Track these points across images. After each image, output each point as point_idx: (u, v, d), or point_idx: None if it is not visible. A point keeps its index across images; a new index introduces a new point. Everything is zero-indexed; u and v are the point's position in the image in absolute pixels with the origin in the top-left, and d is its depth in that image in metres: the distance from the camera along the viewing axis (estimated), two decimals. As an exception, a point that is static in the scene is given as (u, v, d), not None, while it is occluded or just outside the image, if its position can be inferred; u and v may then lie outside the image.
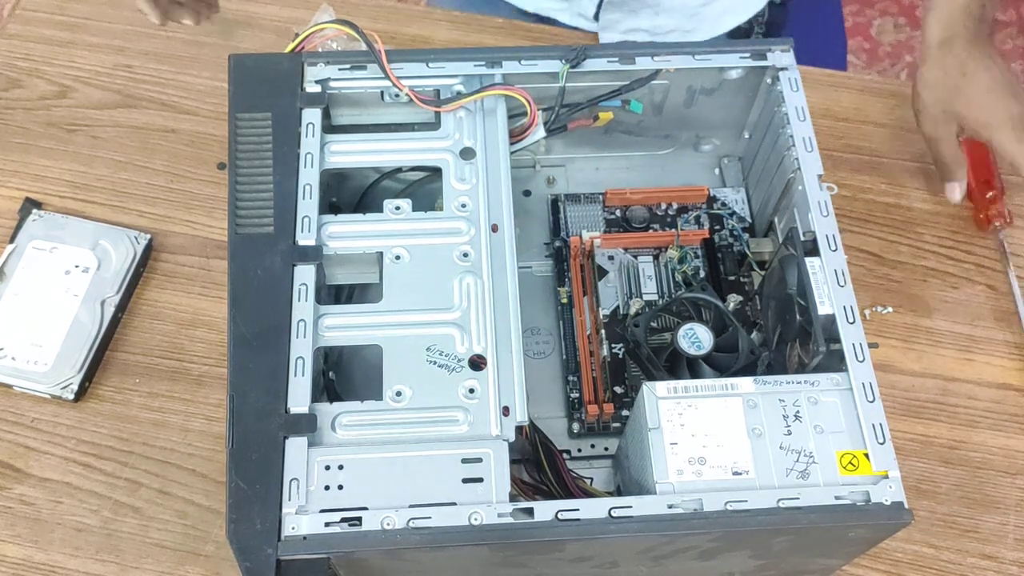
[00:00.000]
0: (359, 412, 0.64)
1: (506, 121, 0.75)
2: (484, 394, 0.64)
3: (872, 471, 0.62)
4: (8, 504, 0.79)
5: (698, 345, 0.76)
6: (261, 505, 0.60)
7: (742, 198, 0.88)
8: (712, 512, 0.60)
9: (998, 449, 0.84)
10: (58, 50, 1.01)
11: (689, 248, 0.85)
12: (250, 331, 0.66)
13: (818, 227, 0.71)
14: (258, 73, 0.73)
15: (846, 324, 0.67)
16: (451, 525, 0.59)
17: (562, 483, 0.72)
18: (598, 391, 0.78)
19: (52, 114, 0.97)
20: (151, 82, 0.99)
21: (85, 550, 0.78)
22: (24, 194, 0.92)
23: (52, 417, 0.83)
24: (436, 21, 1.05)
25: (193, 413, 0.83)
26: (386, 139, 0.75)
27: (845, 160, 0.98)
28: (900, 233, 0.94)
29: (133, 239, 0.88)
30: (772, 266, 0.77)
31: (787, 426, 0.63)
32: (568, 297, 0.83)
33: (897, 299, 0.90)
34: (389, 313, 0.68)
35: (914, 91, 0.90)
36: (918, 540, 0.81)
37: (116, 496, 0.80)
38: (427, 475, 0.61)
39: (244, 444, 0.62)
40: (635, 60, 0.78)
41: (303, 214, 0.70)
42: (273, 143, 0.73)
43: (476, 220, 0.71)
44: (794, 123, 0.75)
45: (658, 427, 0.63)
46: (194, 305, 0.88)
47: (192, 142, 0.96)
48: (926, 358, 0.88)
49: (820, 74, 1.02)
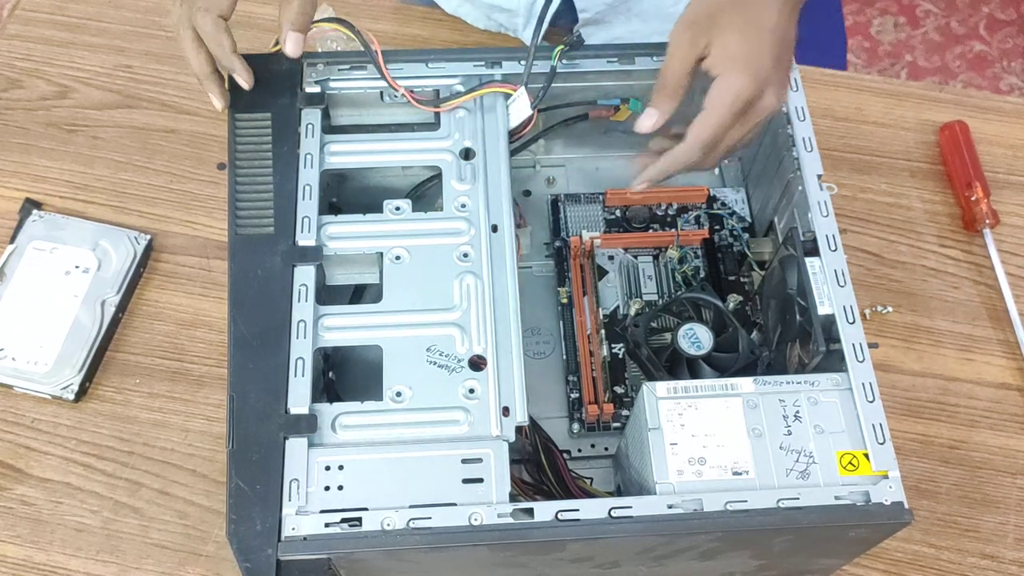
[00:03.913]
0: (359, 412, 0.64)
1: (507, 121, 0.75)
2: (484, 394, 0.64)
3: (872, 471, 0.62)
4: (8, 504, 0.79)
5: (698, 345, 0.76)
6: (261, 505, 0.60)
7: (742, 198, 0.88)
8: (712, 512, 0.60)
9: (998, 449, 0.84)
10: (58, 50, 1.01)
11: (689, 248, 0.85)
12: (250, 331, 0.66)
13: (818, 227, 0.71)
14: (258, 73, 0.73)
15: (846, 324, 0.67)
16: (451, 525, 0.60)
17: (562, 483, 0.72)
18: (598, 391, 0.78)
19: (52, 114, 0.97)
20: (151, 82, 0.99)
21: (85, 550, 0.78)
22: (24, 194, 0.92)
23: (52, 417, 0.83)
24: (436, 21, 1.05)
25: (193, 413, 0.83)
26: (386, 139, 0.75)
27: (845, 160, 0.98)
28: (900, 233, 0.94)
29: (133, 239, 0.88)
30: (772, 266, 0.77)
31: (787, 426, 0.63)
32: (568, 297, 0.83)
33: (897, 299, 0.90)
34: (389, 313, 0.68)
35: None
36: (918, 540, 0.81)
37: (116, 496, 0.80)
38: (427, 475, 0.62)
39: (244, 444, 0.62)
40: (635, 60, 0.78)
41: (303, 214, 0.70)
42: (273, 143, 0.73)
43: (476, 220, 0.71)
44: (794, 123, 0.75)
45: (658, 427, 0.63)
46: (194, 305, 0.88)
47: (192, 142, 0.96)
48: (926, 358, 0.88)
49: (820, 74, 1.02)
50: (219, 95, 0.72)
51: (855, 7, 2.06)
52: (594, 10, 0.99)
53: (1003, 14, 2.08)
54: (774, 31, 0.70)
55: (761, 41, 0.69)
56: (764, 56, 0.69)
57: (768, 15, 0.70)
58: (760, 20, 0.69)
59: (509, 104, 0.75)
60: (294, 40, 0.71)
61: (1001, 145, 0.99)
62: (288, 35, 0.70)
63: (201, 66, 0.71)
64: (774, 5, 0.70)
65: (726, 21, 0.69)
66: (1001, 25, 2.07)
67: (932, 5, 2.09)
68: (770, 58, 0.70)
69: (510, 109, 0.75)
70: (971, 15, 2.08)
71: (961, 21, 2.07)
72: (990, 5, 2.09)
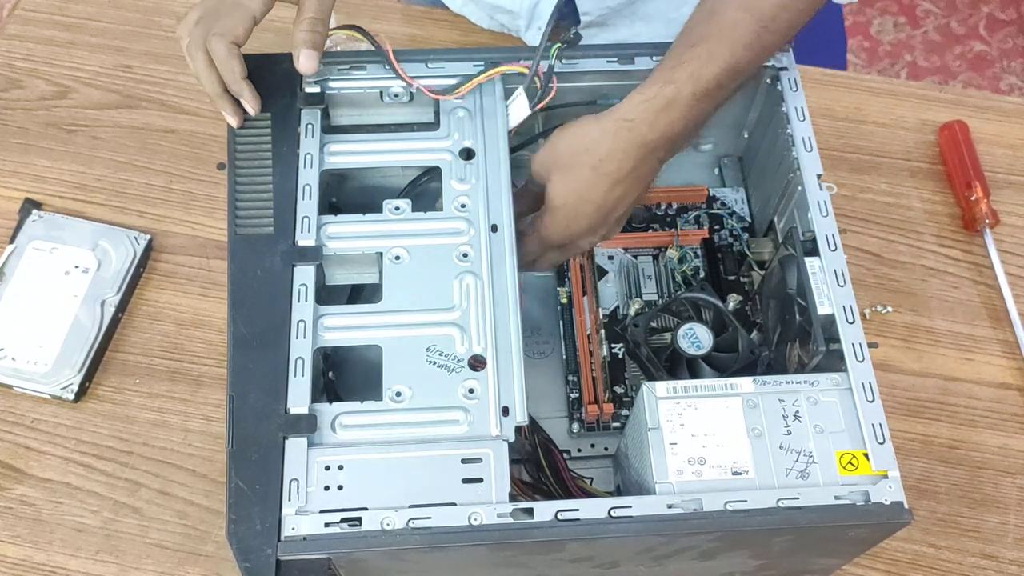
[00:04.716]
0: (359, 412, 0.64)
1: (507, 121, 0.75)
2: (484, 394, 0.64)
3: (872, 471, 0.62)
4: (8, 504, 0.79)
5: (698, 345, 0.76)
6: (261, 505, 0.60)
7: (742, 198, 0.88)
8: (712, 512, 0.60)
9: (998, 449, 0.84)
10: (58, 50, 1.01)
11: (689, 248, 0.85)
12: (250, 331, 0.66)
13: (818, 227, 0.70)
14: (257, 73, 0.73)
15: (846, 324, 0.67)
16: (451, 525, 0.59)
17: (562, 483, 0.72)
18: (598, 391, 0.78)
19: (52, 114, 0.97)
20: (151, 82, 0.99)
21: (85, 550, 0.78)
22: (24, 194, 0.92)
23: (52, 417, 0.83)
24: (436, 21, 1.05)
25: (193, 413, 0.83)
26: (385, 139, 0.75)
27: (845, 160, 0.98)
28: (900, 233, 0.94)
29: (133, 239, 0.88)
30: (772, 266, 0.77)
31: (787, 426, 0.63)
32: (568, 297, 0.83)
33: (897, 299, 0.90)
34: (389, 313, 0.67)
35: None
36: (918, 540, 0.81)
37: (116, 496, 0.80)
38: (427, 475, 0.61)
39: (244, 444, 0.62)
40: (634, 60, 0.78)
41: (303, 214, 0.70)
42: (272, 143, 0.73)
43: (476, 220, 0.71)
44: (794, 123, 0.75)
45: (658, 427, 0.63)
46: (194, 305, 0.88)
47: (192, 142, 0.96)
48: (926, 358, 0.88)
49: (820, 74, 1.02)
50: (233, 112, 0.73)
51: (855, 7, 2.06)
52: (597, 13, 0.99)
53: (1003, 14, 2.08)
54: (599, 205, 0.73)
55: (583, 212, 0.74)
56: (579, 223, 0.74)
57: (592, 189, 0.73)
58: (584, 192, 0.73)
59: (509, 104, 0.75)
60: (308, 58, 0.72)
61: (1001, 145, 0.99)
62: (302, 53, 0.71)
63: (214, 87, 0.72)
64: (601, 182, 0.72)
65: (558, 182, 0.73)
66: (1001, 25, 2.07)
67: (932, 5, 2.09)
68: (586, 225, 0.74)
69: (510, 109, 0.75)
70: (971, 15, 2.08)
71: (961, 21, 2.07)
72: (990, 5, 2.09)
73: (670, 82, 0.70)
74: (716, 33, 0.70)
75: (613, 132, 0.71)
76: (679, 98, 0.70)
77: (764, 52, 0.72)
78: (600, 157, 0.71)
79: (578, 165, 0.72)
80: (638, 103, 0.71)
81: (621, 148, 0.71)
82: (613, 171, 0.72)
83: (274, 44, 1.01)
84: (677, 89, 0.70)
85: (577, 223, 0.74)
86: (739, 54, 0.70)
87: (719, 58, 0.69)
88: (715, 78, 0.70)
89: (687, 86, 0.70)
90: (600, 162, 0.71)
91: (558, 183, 0.73)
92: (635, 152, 0.71)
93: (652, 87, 0.70)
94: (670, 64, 0.71)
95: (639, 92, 0.71)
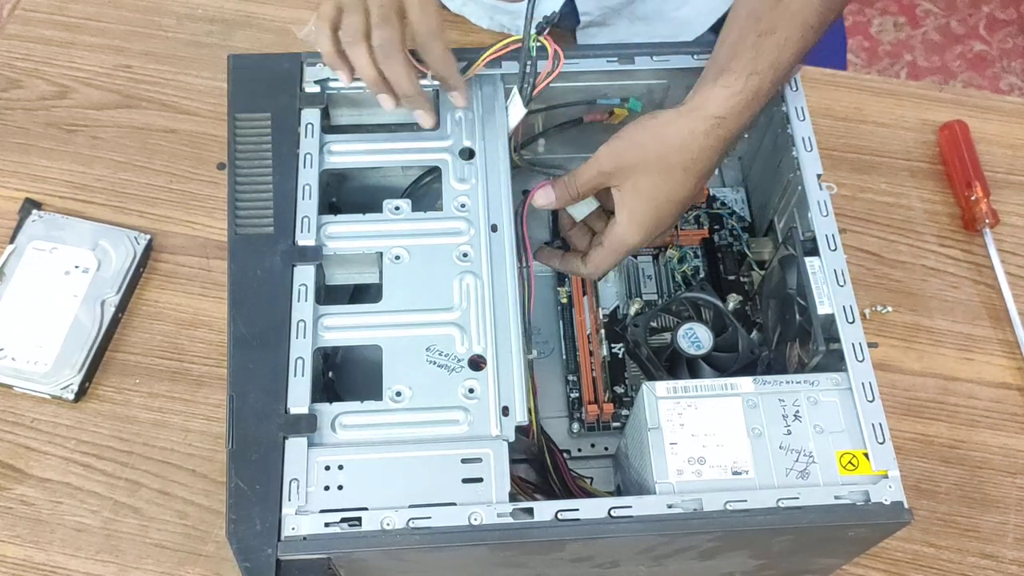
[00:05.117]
0: (359, 412, 0.64)
1: (507, 121, 0.75)
2: (484, 394, 0.64)
3: (872, 471, 0.62)
4: (8, 504, 0.79)
5: (698, 345, 0.76)
6: (261, 505, 0.60)
7: (742, 198, 0.88)
8: (712, 512, 0.60)
9: (998, 448, 0.84)
10: (58, 50, 1.01)
11: (689, 248, 0.85)
12: (250, 331, 0.66)
13: (818, 227, 0.70)
14: (257, 73, 0.73)
15: (846, 324, 0.67)
16: (451, 525, 0.60)
17: (562, 483, 0.72)
18: (598, 391, 0.78)
19: (52, 114, 0.97)
20: (151, 82, 0.99)
21: (85, 550, 0.78)
22: (24, 194, 0.92)
23: (52, 417, 0.83)
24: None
25: (193, 413, 0.83)
26: (385, 139, 0.75)
27: (845, 160, 0.98)
28: (900, 233, 0.94)
29: (133, 239, 0.88)
30: (772, 266, 0.77)
31: (787, 426, 0.63)
32: (568, 297, 0.83)
33: (897, 299, 0.90)
34: (389, 313, 0.68)
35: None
36: (918, 539, 0.81)
37: (116, 496, 0.80)
38: (427, 475, 0.62)
39: (244, 444, 0.62)
40: (634, 60, 0.78)
41: (303, 214, 0.70)
42: (272, 143, 0.73)
43: (476, 220, 0.71)
44: (794, 122, 0.75)
45: (658, 427, 0.63)
46: (194, 305, 0.88)
47: (192, 142, 0.96)
48: (926, 358, 0.88)
49: (820, 74, 1.02)
50: (430, 110, 0.72)
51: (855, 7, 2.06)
52: (596, 12, 0.99)
53: (1003, 14, 2.08)
54: (683, 203, 0.73)
55: (667, 212, 0.72)
56: (663, 223, 0.73)
57: (680, 189, 0.71)
58: (672, 192, 0.71)
59: (508, 104, 0.75)
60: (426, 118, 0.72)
61: (1001, 145, 0.99)
62: (421, 115, 0.72)
63: (412, 85, 0.70)
64: (689, 181, 0.71)
65: (644, 184, 0.71)
66: (1001, 25, 2.07)
67: (932, 5, 2.09)
68: (668, 224, 0.74)
69: (509, 109, 0.75)
70: (971, 15, 2.08)
71: (961, 21, 2.07)
72: (990, 5, 2.09)
73: (755, 73, 0.69)
74: (788, 18, 0.70)
75: (704, 131, 0.70)
76: (763, 88, 0.69)
77: (823, 30, 0.72)
78: (692, 157, 0.70)
79: (669, 167, 0.70)
80: (727, 97, 0.69)
81: (711, 146, 0.70)
82: (702, 169, 0.71)
83: (274, 44, 1.01)
84: (761, 80, 0.69)
85: (664, 224, 0.73)
86: (808, 37, 0.70)
87: (793, 43, 0.69)
88: (790, 63, 0.70)
89: (769, 75, 0.69)
90: (692, 162, 0.70)
91: (645, 185, 0.71)
92: (721, 148, 0.71)
93: (737, 80, 0.69)
94: (749, 55, 0.69)
95: (723, 86, 0.69)
